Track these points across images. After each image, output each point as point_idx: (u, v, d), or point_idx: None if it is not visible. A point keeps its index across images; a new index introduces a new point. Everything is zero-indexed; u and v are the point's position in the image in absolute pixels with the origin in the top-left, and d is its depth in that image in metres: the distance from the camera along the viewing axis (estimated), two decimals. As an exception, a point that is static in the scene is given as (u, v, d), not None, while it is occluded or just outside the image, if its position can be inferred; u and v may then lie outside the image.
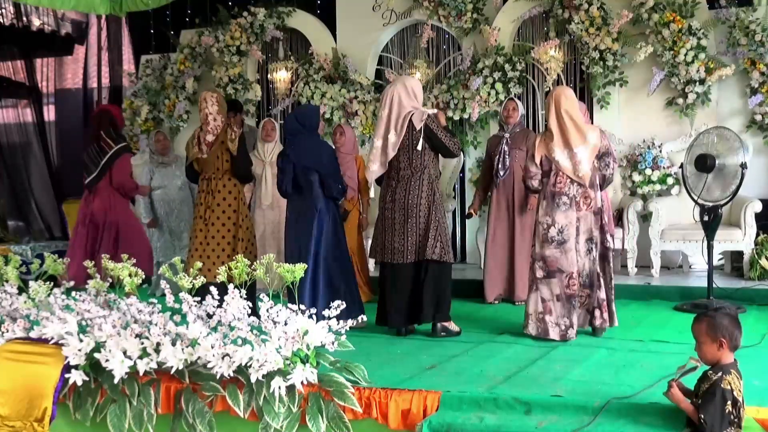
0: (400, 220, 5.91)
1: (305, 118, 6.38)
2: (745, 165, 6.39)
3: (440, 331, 5.88)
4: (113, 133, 7.53)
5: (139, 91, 10.98)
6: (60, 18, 12.49)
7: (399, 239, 5.90)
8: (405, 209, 5.89)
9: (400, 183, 5.94)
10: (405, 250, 5.87)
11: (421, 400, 4.10)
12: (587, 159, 5.58)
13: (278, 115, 10.49)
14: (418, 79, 6.41)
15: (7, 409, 4.85)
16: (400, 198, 5.91)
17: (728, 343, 3.61)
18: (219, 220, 6.39)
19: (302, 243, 6.09)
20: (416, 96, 5.98)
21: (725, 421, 3.49)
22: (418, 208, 5.87)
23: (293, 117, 6.48)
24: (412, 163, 5.90)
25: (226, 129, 6.44)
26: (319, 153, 6.25)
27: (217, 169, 6.42)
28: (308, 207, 6.16)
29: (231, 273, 4.76)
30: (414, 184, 5.90)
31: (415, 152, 5.87)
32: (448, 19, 9.45)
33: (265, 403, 4.22)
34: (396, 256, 5.91)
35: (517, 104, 7.42)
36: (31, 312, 5.19)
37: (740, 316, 5.74)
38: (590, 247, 5.63)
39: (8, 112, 12.58)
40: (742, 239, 7.67)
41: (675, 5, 8.38)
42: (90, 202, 7.52)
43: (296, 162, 6.18)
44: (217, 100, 6.53)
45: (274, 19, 10.28)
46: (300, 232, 6.15)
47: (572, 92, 5.78)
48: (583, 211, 5.61)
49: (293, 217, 6.25)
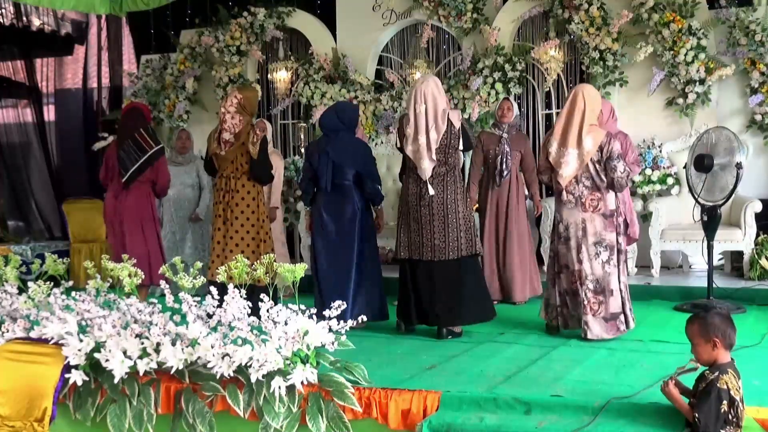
0: (439, 217, 5.88)
1: (345, 115, 6.37)
2: (740, 165, 6.38)
3: (446, 335, 5.87)
4: (152, 132, 7.43)
5: (139, 91, 10.96)
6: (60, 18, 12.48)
7: (440, 236, 5.86)
8: (444, 206, 5.88)
9: (435, 180, 5.90)
10: (447, 247, 5.85)
11: (421, 400, 4.11)
12: (574, 163, 5.56)
13: (278, 115, 10.49)
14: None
15: (7, 409, 4.85)
16: (438, 195, 5.89)
17: (722, 342, 3.62)
18: (238, 220, 6.40)
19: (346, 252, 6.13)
20: (442, 92, 5.99)
21: (720, 420, 3.49)
22: (455, 205, 5.88)
23: (332, 114, 6.40)
24: (448, 160, 5.89)
25: (249, 131, 6.42)
26: (361, 153, 6.27)
27: (236, 169, 6.44)
28: (347, 206, 6.19)
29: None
30: (450, 181, 5.91)
31: (451, 150, 5.88)
32: (448, 19, 9.45)
33: (265, 403, 4.22)
34: (437, 253, 5.87)
35: (512, 104, 7.42)
36: (31, 312, 5.19)
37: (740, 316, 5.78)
38: (599, 251, 5.59)
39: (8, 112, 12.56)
40: (742, 239, 7.67)
41: (675, 5, 8.38)
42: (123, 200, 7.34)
43: (335, 160, 6.17)
44: (240, 100, 6.45)
45: (274, 19, 10.27)
46: (342, 239, 6.17)
47: (596, 92, 5.76)
48: (590, 212, 5.59)
49: (331, 220, 6.23)
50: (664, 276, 8.02)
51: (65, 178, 12.10)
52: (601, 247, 5.59)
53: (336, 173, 6.19)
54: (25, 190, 12.38)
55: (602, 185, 5.60)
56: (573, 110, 5.60)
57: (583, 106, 5.58)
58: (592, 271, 5.59)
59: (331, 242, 6.22)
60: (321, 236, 6.27)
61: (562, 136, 5.62)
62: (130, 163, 7.22)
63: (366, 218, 6.28)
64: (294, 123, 10.57)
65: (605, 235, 5.60)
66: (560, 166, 5.58)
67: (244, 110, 6.48)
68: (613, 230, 5.63)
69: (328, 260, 6.21)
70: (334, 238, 6.21)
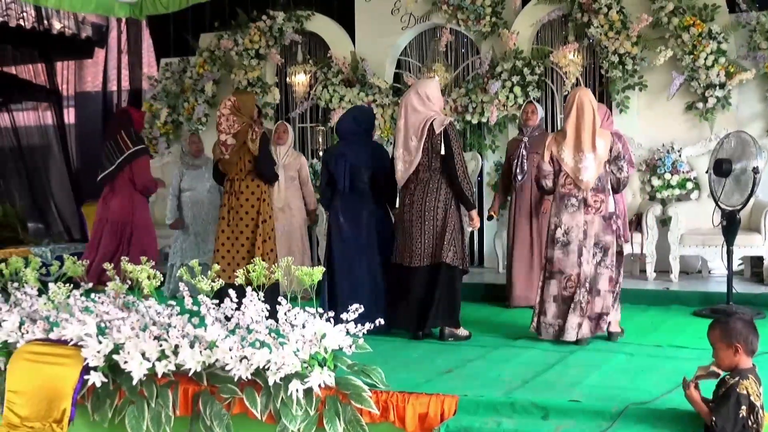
0: (417, 223, 5.91)
1: (363, 119, 6.42)
2: (757, 170, 6.34)
3: (448, 336, 5.88)
4: (132, 133, 7.54)
5: (159, 94, 11.04)
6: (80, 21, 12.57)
7: (417, 242, 5.90)
8: (422, 212, 5.90)
9: (419, 186, 5.94)
10: (422, 253, 5.87)
11: (439, 404, 4.09)
12: (593, 167, 5.55)
13: (296, 118, 10.52)
14: (434, 80, 6.36)
15: (26, 410, 4.88)
16: (419, 201, 5.92)
17: (743, 348, 3.59)
18: (242, 221, 6.42)
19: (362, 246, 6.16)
20: (430, 99, 5.97)
21: (738, 425, 3.47)
22: (435, 211, 5.88)
23: (350, 118, 6.47)
24: (431, 165, 5.90)
25: (247, 129, 6.44)
26: (379, 155, 6.29)
27: (240, 170, 6.46)
28: (364, 209, 6.21)
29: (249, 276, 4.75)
30: (432, 187, 5.90)
31: (435, 156, 5.87)
32: (467, 22, 9.45)
33: (282, 406, 4.22)
34: (414, 259, 5.91)
35: (536, 107, 7.41)
36: (51, 314, 5.22)
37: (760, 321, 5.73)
38: (596, 252, 5.59)
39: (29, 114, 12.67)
40: (762, 244, 7.62)
41: (695, 9, 8.34)
42: (108, 202, 7.54)
43: (353, 162, 6.19)
44: (234, 102, 6.50)
45: (293, 23, 10.31)
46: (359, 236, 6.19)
47: (592, 95, 5.76)
48: (591, 214, 5.58)
49: (347, 220, 6.25)
50: (683, 281, 7.97)
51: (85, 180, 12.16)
52: (597, 248, 5.59)
53: (353, 176, 6.20)
54: (45, 193, 12.47)
55: (605, 187, 5.60)
56: (582, 116, 5.59)
57: (592, 111, 5.59)
58: (589, 272, 5.59)
59: (347, 245, 6.22)
60: (338, 239, 6.28)
61: (576, 142, 5.60)
62: (108, 163, 7.37)
63: (384, 222, 6.28)
64: (312, 126, 10.59)
65: (602, 237, 5.59)
66: (580, 172, 5.56)
67: (240, 112, 6.50)
68: (611, 232, 5.62)
69: (343, 263, 6.22)
70: (351, 242, 6.22)
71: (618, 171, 5.61)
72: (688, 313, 6.72)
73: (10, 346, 5.13)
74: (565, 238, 5.60)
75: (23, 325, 5.19)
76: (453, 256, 5.86)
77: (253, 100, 6.83)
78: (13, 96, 12.32)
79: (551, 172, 5.75)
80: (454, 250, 5.86)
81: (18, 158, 12.43)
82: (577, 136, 5.60)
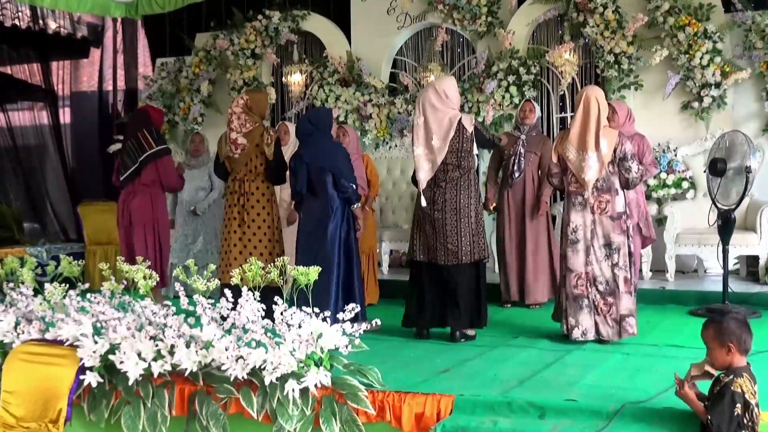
0: (452, 221, 5.89)
1: (317, 119, 6.40)
2: (749, 169, 6.34)
3: (460, 338, 5.87)
4: (154, 132, 7.51)
5: (154, 94, 11.02)
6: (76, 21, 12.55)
7: (452, 241, 5.87)
8: (457, 210, 5.89)
9: (449, 184, 5.91)
10: (459, 251, 5.85)
11: (435, 404, 4.09)
12: (596, 166, 5.55)
13: (293, 117, 10.51)
14: (452, 78, 6.33)
15: (22, 410, 4.88)
16: (451, 199, 5.90)
17: (736, 348, 3.61)
18: (255, 222, 6.41)
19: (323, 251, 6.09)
20: (448, 96, 5.95)
21: (734, 423, 3.48)
22: (468, 209, 5.89)
23: (306, 119, 6.52)
24: (461, 164, 5.89)
25: (262, 132, 6.43)
26: (333, 154, 6.25)
27: (250, 171, 6.45)
28: (324, 209, 6.16)
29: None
30: (464, 185, 5.91)
31: (464, 154, 5.87)
32: (463, 22, 9.45)
33: (278, 406, 4.22)
34: (450, 257, 5.88)
35: (534, 106, 7.41)
36: (47, 314, 5.22)
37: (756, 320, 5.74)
38: (608, 253, 5.58)
39: (24, 114, 12.65)
40: (758, 243, 7.63)
41: (690, 9, 8.35)
42: (129, 202, 7.46)
43: (309, 163, 6.18)
44: (247, 102, 6.48)
45: (288, 23, 10.31)
46: (318, 239, 6.15)
47: (602, 95, 5.73)
48: (597, 214, 5.58)
49: (308, 221, 6.24)
50: (679, 280, 7.99)
51: (80, 180, 12.16)
52: (610, 249, 5.58)
53: (312, 177, 6.19)
54: (41, 193, 12.47)
55: (612, 187, 5.59)
56: (588, 114, 5.58)
57: (598, 109, 5.57)
58: (602, 272, 5.58)
59: (309, 245, 6.19)
60: (302, 238, 6.29)
61: (580, 140, 5.60)
62: (130, 162, 7.34)
63: (346, 220, 6.24)
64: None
65: (613, 237, 5.58)
66: (582, 171, 5.56)
67: (252, 111, 6.48)
68: (622, 233, 5.61)
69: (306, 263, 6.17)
70: (312, 241, 6.19)
71: (626, 171, 5.56)
72: (684, 313, 6.73)
73: (6, 346, 5.14)
74: (574, 236, 5.61)
75: (19, 325, 5.19)
76: (486, 254, 5.94)
77: (266, 100, 6.85)
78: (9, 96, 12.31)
79: (558, 172, 5.78)
80: (486, 247, 5.94)
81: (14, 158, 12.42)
82: (581, 134, 5.60)
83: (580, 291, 5.59)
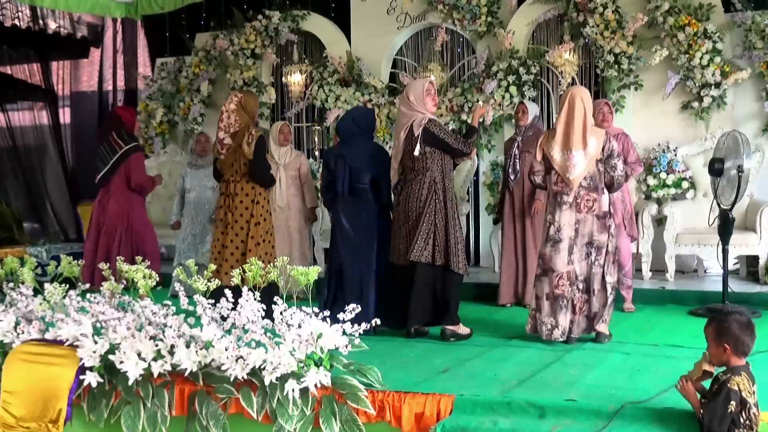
0: (403, 221, 6.00)
1: (362, 120, 6.41)
2: (741, 168, 6.34)
3: (449, 336, 5.87)
4: (124, 134, 7.58)
5: (154, 94, 11.02)
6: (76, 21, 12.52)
7: (402, 241, 5.98)
8: (406, 212, 5.97)
9: (405, 186, 6.04)
10: (412, 251, 5.87)
11: (435, 404, 4.10)
12: (582, 164, 5.54)
13: (292, 118, 10.51)
14: (420, 81, 6.26)
15: (22, 410, 4.88)
16: (404, 201, 6.01)
17: (732, 349, 3.64)
18: (237, 223, 6.41)
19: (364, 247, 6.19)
20: (411, 99, 6.01)
21: (727, 421, 3.51)
22: (416, 212, 5.92)
23: (350, 118, 6.48)
24: (414, 166, 5.96)
25: (244, 132, 6.42)
26: (376, 157, 6.32)
27: (236, 172, 6.44)
28: (363, 210, 6.24)
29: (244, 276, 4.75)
30: (414, 187, 5.96)
31: (413, 156, 5.92)
32: (463, 22, 9.45)
33: (278, 406, 4.22)
34: (401, 257, 5.99)
35: (527, 107, 7.40)
36: (47, 314, 5.22)
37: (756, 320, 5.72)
38: (589, 251, 5.58)
39: (24, 114, 12.64)
40: (758, 243, 7.63)
41: (690, 8, 8.35)
42: (105, 204, 7.57)
43: (352, 164, 6.21)
44: (241, 101, 6.47)
45: (288, 23, 10.30)
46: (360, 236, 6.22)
47: (588, 94, 5.75)
48: (584, 213, 5.57)
49: (348, 223, 6.27)
50: (679, 280, 7.99)
51: (80, 180, 12.14)
52: (592, 247, 5.59)
53: (353, 177, 6.22)
54: (41, 193, 12.46)
55: (599, 186, 5.59)
56: (573, 113, 5.58)
57: (584, 109, 5.58)
58: (582, 271, 5.59)
59: (350, 246, 6.24)
60: (341, 240, 6.30)
61: (564, 139, 5.60)
62: (102, 165, 7.41)
63: (385, 223, 6.29)
64: (308, 126, 10.59)
65: (597, 236, 5.58)
66: (567, 170, 5.55)
67: (244, 110, 6.46)
68: (605, 231, 5.60)
69: (348, 264, 6.25)
70: (353, 242, 6.24)
71: (612, 170, 5.57)
72: (684, 313, 6.73)
73: (6, 346, 5.13)
74: (557, 235, 5.59)
75: (19, 325, 5.18)
76: (432, 256, 5.86)
77: (257, 103, 6.87)
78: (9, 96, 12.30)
79: (541, 170, 5.78)
80: (431, 248, 5.86)
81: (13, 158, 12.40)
82: (566, 133, 5.60)
83: (560, 291, 5.58)
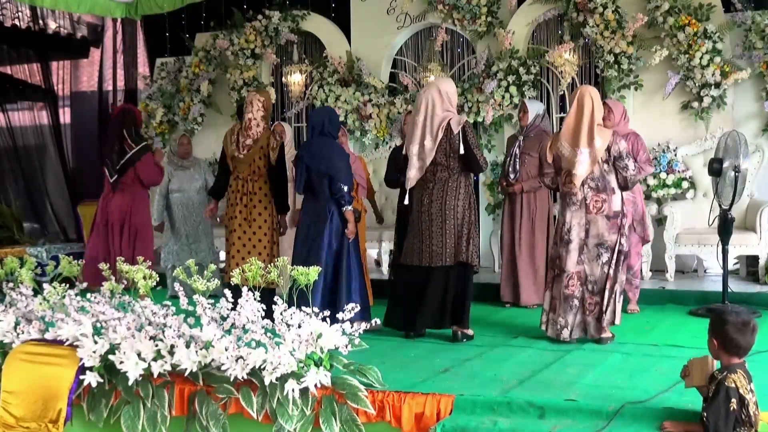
0: (437, 222, 5.89)
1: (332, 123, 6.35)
2: (738, 168, 6.34)
3: (462, 338, 5.86)
4: (134, 133, 7.57)
5: (154, 94, 11.02)
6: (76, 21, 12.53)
7: (437, 242, 5.87)
8: (442, 212, 5.88)
9: (437, 185, 5.92)
10: (443, 253, 5.84)
11: (435, 404, 4.10)
12: (587, 162, 5.55)
13: (292, 117, 10.52)
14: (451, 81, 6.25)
15: (22, 410, 4.88)
16: (437, 200, 5.91)
17: (720, 345, 3.66)
18: (256, 222, 6.50)
19: (313, 250, 6.08)
20: (450, 100, 5.96)
21: (731, 419, 3.50)
22: (455, 211, 5.87)
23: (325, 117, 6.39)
24: (450, 165, 5.89)
25: (268, 135, 6.50)
26: (330, 154, 6.22)
27: (254, 172, 6.52)
28: (321, 210, 6.16)
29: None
30: (451, 186, 5.89)
31: (452, 154, 5.85)
32: (463, 22, 9.45)
33: (278, 406, 4.22)
34: (434, 259, 5.88)
35: (528, 106, 7.38)
36: (46, 314, 5.21)
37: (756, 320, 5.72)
38: (600, 253, 5.59)
39: (24, 114, 12.65)
40: (758, 243, 7.64)
41: (690, 9, 8.35)
42: (109, 201, 7.55)
43: (308, 164, 6.18)
44: (264, 105, 6.56)
45: (288, 23, 10.30)
46: (312, 239, 6.14)
47: (597, 94, 5.74)
48: (593, 214, 5.58)
49: (306, 220, 6.24)
50: (679, 280, 7.99)
51: (80, 180, 12.16)
52: (603, 248, 5.59)
53: (310, 177, 6.19)
54: (41, 193, 12.46)
55: (608, 186, 5.59)
56: (582, 111, 5.60)
57: (592, 107, 5.59)
58: (592, 271, 5.60)
59: (305, 245, 6.19)
60: (298, 238, 6.29)
61: (573, 137, 5.61)
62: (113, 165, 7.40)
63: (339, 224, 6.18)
64: (308, 126, 10.58)
65: (607, 237, 5.58)
66: (574, 167, 5.56)
67: (267, 113, 6.61)
68: (616, 232, 5.60)
69: (300, 262, 6.17)
70: (308, 241, 6.18)
71: (623, 170, 5.56)
72: (684, 313, 6.73)
73: (6, 346, 5.13)
74: (568, 236, 5.61)
75: (18, 325, 5.18)
76: (472, 255, 5.87)
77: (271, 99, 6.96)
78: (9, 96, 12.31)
79: (551, 172, 5.82)
80: (472, 248, 5.88)
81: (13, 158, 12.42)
82: (575, 130, 5.61)
83: (570, 291, 5.59)
